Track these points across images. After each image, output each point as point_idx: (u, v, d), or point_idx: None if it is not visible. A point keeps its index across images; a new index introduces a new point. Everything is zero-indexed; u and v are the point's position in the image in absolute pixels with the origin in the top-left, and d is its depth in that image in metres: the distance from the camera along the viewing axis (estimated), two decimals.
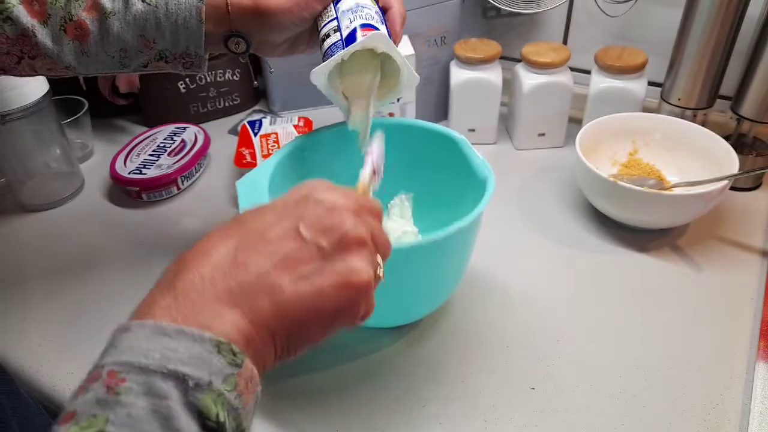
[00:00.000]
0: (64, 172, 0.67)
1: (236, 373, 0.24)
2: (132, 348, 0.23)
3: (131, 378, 0.22)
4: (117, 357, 0.23)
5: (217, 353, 0.24)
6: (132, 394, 0.22)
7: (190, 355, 0.23)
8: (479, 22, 0.77)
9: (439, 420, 0.42)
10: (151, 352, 0.23)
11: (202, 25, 0.41)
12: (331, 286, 0.27)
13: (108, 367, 0.23)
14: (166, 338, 0.23)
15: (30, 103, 0.59)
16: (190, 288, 0.26)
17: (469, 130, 0.71)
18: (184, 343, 0.23)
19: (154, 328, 0.24)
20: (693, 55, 0.60)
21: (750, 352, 0.46)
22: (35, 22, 0.39)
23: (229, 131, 0.77)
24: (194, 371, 0.23)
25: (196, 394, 0.22)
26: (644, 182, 0.59)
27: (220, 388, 0.23)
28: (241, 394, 0.24)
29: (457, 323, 0.49)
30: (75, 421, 0.22)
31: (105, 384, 0.22)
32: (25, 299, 0.54)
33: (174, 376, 0.22)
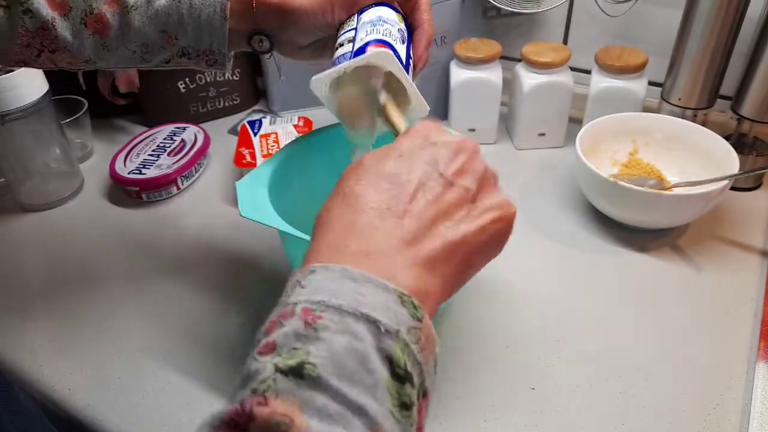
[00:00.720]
0: (63, 172, 0.67)
1: (418, 327, 0.24)
2: (322, 288, 0.24)
3: (327, 316, 0.23)
4: (308, 296, 0.24)
5: (401, 304, 0.24)
6: (329, 331, 0.22)
7: (378, 302, 0.24)
8: (479, 21, 0.77)
9: (439, 420, 0.42)
10: (342, 294, 0.23)
11: (226, 23, 0.40)
12: (490, 222, 0.29)
13: (301, 305, 0.23)
14: (354, 283, 0.24)
15: (29, 103, 0.59)
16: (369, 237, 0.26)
17: (469, 130, 0.71)
18: (371, 290, 0.24)
19: (341, 271, 0.24)
20: (693, 55, 0.59)
21: (750, 352, 0.46)
22: (55, 15, 0.39)
23: (228, 131, 0.77)
24: (384, 317, 0.23)
25: (386, 340, 0.23)
26: (644, 182, 0.59)
27: (406, 338, 0.23)
28: (423, 350, 0.24)
29: (457, 323, 0.49)
30: (277, 352, 0.22)
31: (302, 320, 0.23)
32: (25, 299, 0.54)
33: (366, 319, 0.23)
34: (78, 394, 0.45)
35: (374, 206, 0.27)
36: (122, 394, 0.45)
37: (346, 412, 0.21)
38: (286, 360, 0.21)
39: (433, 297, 0.27)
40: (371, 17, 0.40)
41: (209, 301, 0.52)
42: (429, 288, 0.27)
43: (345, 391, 0.21)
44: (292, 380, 0.21)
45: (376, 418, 0.21)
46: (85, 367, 0.47)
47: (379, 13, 0.41)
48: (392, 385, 0.22)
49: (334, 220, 0.28)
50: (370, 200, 0.28)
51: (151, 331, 0.50)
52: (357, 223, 0.27)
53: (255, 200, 0.42)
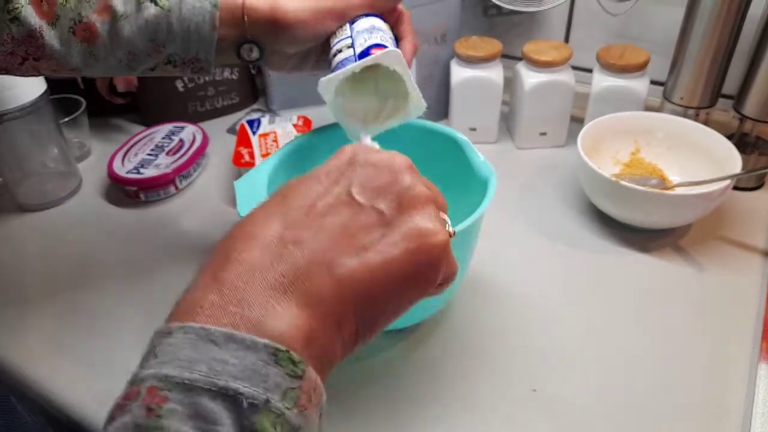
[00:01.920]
0: (61, 172, 0.66)
1: (297, 386, 0.21)
2: (174, 358, 0.20)
3: (174, 397, 0.19)
4: (158, 369, 0.20)
5: (274, 363, 0.20)
6: (175, 418, 0.19)
7: (242, 367, 0.20)
8: (480, 20, 0.77)
9: (439, 421, 0.41)
10: (196, 364, 0.20)
11: (215, 32, 0.40)
12: (402, 253, 0.24)
13: (148, 382, 0.20)
14: (214, 346, 0.20)
15: (27, 102, 0.59)
16: (236, 279, 0.22)
17: (469, 129, 0.70)
18: (235, 352, 0.20)
19: (199, 333, 0.21)
20: (695, 53, 0.59)
21: (752, 353, 0.45)
22: (43, 23, 0.38)
23: (227, 130, 0.77)
24: (248, 387, 0.20)
25: (251, 416, 0.19)
26: (646, 182, 0.59)
27: (279, 407, 0.20)
28: (303, 409, 0.21)
29: (458, 324, 0.49)
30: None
31: (144, 404, 0.19)
32: (23, 299, 0.53)
33: (224, 395, 0.19)
34: (74, 394, 0.45)
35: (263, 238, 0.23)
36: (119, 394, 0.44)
37: None
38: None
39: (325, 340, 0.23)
40: (365, 26, 0.41)
41: None
42: (317, 329, 0.22)
43: None
44: None
45: None
46: (82, 367, 0.47)
47: (372, 23, 0.42)
48: None
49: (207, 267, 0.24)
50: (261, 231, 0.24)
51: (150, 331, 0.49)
52: (231, 260, 0.23)
53: (254, 200, 0.41)
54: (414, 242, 0.24)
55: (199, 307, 0.22)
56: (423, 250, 0.24)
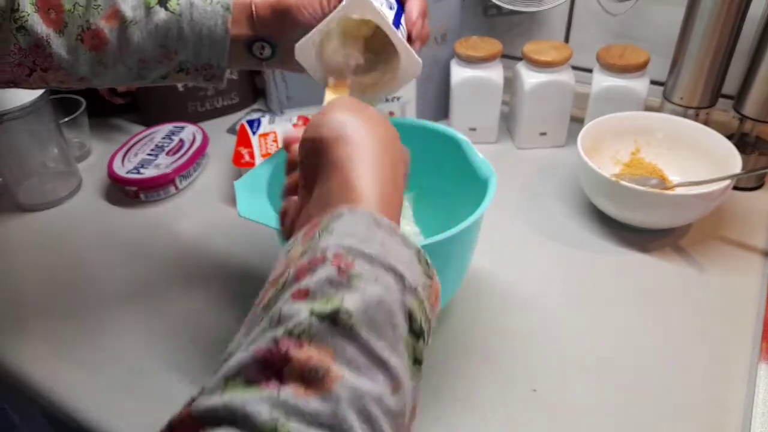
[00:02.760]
0: (61, 172, 0.66)
1: (430, 284, 0.25)
2: (352, 233, 0.24)
3: (359, 263, 0.23)
4: (338, 240, 0.23)
5: (418, 262, 0.25)
6: (362, 280, 0.22)
7: (401, 256, 0.24)
8: (480, 20, 0.77)
9: (439, 421, 0.42)
10: (371, 242, 0.23)
11: (228, 36, 0.39)
12: None
13: (332, 250, 0.23)
14: (381, 231, 0.24)
15: (27, 102, 0.59)
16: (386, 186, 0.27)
17: (469, 129, 0.70)
18: (395, 242, 0.24)
19: (369, 217, 0.25)
20: (695, 53, 0.59)
21: (752, 352, 0.45)
22: (50, 32, 0.38)
23: (227, 130, 0.77)
24: (408, 273, 0.23)
25: (409, 295, 0.23)
26: (646, 182, 0.59)
27: (422, 295, 0.24)
28: (432, 306, 0.25)
29: (458, 324, 0.49)
30: (311, 298, 0.22)
31: (335, 265, 0.23)
32: (23, 299, 0.54)
33: (394, 272, 0.23)
34: (76, 394, 0.45)
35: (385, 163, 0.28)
36: (121, 394, 0.44)
37: (372, 366, 0.21)
38: (322, 306, 0.21)
39: None
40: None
41: (208, 300, 0.52)
42: None
43: (372, 344, 0.21)
44: (327, 327, 0.21)
45: (397, 374, 0.22)
46: (83, 368, 0.47)
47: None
48: (410, 340, 0.23)
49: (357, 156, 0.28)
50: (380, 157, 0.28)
51: (150, 331, 0.49)
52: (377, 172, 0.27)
53: (254, 200, 0.42)
54: None
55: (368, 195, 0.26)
56: None
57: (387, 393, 0.21)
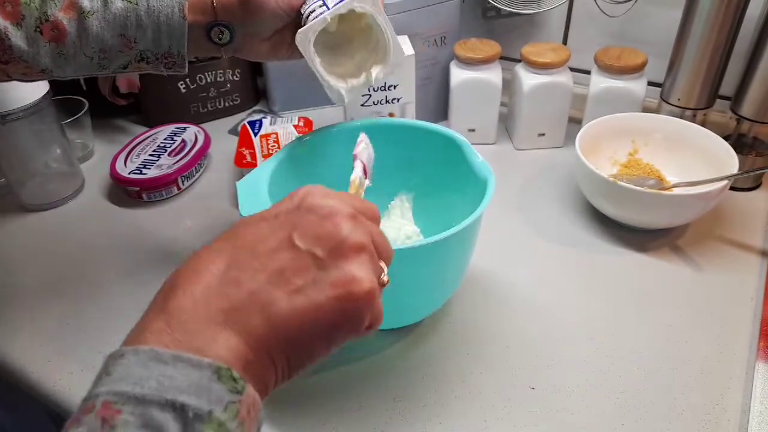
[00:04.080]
0: (64, 172, 0.67)
1: (237, 400, 0.23)
2: (126, 376, 0.22)
3: (127, 409, 0.21)
4: (111, 386, 0.22)
5: (216, 380, 0.23)
6: (129, 428, 0.21)
7: (188, 383, 0.22)
8: (479, 22, 0.77)
9: (439, 420, 0.42)
10: (146, 380, 0.22)
11: (185, 22, 0.40)
12: (329, 299, 0.25)
13: (102, 397, 0.22)
14: (162, 365, 0.22)
15: (30, 103, 0.59)
16: (181, 310, 0.25)
17: (468, 130, 0.71)
18: (181, 370, 0.22)
19: (149, 353, 0.23)
20: (693, 55, 0.60)
21: (750, 352, 0.46)
22: (8, 24, 0.38)
23: (229, 131, 0.78)
24: (193, 400, 0.22)
25: (197, 425, 0.21)
26: (644, 182, 0.59)
27: (221, 418, 0.22)
28: (242, 422, 0.23)
29: (457, 324, 0.49)
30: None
31: (99, 416, 0.21)
32: (26, 299, 0.54)
33: (172, 407, 0.21)
34: (78, 393, 0.45)
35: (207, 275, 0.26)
36: None
37: None
38: None
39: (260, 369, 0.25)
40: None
41: None
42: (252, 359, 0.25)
43: None
44: None
45: None
46: (85, 367, 0.47)
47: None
48: None
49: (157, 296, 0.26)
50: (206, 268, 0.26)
51: None
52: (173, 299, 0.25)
53: (255, 200, 0.42)
54: (340, 289, 0.26)
55: (149, 333, 0.24)
56: (349, 297, 0.26)
57: None
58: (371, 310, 0.27)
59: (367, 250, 0.27)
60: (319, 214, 0.27)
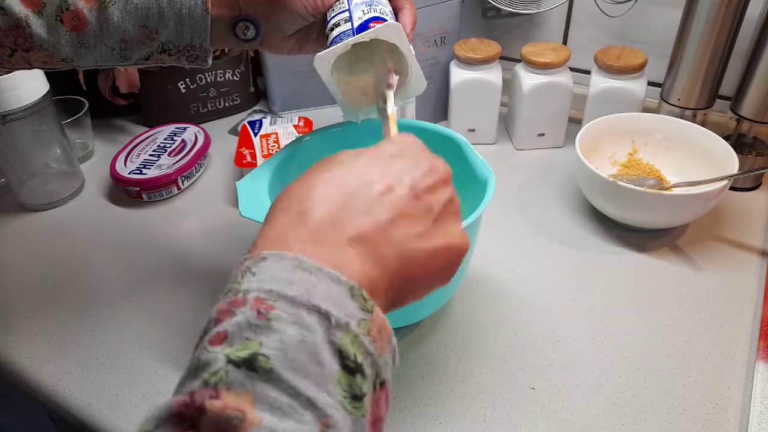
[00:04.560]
0: (64, 172, 0.67)
1: (369, 318, 0.24)
2: (274, 277, 0.24)
3: (279, 306, 0.23)
4: (260, 284, 0.23)
5: (350, 297, 0.24)
6: (282, 322, 0.22)
7: (329, 294, 0.23)
8: (479, 22, 0.77)
9: (438, 420, 0.42)
10: (294, 285, 0.23)
11: (208, 15, 0.39)
12: (443, 248, 0.29)
13: (253, 293, 0.23)
14: (306, 273, 0.24)
15: (30, 103, 0.59)
16: (320, 225, 0.26)
17: (468, 130, 0.71)
18: (323, 281, 0.24)
19: (293, 261, 0.24)
20: (693, 55, 0.60)
21: (750, 352, 0.46)
22: (29, 12, 0.38)
23: (229, 131, 0.78)
24: (335, 310, 0.23)
25: (337, 332, 0.23)
26: (644, 182, 0.59)
27: (356, 330, 0.23)
28: (374, 341, 0.24)
29: (457, 323, 0.49)
30: (229, 342, 0.22)
31: (254, 309, 0.22)
32: (26, 299, 0.54)
33: (318, 312, 0.23)
34: (78, 394, 0.45)
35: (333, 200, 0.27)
36: (123, 394, 0.45)
37: (297, 405, 0.21)
38: (239, 351, 0.21)
39: (383, 295, 0.27)
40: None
41: (209, 300, 0.52)
42: (379, 285, 0.26)
43: (295, 384, 0.21)
44: (244, 372, 0.21)
45: (325, 410, 0.21)
46: (85, 367, 0.47)
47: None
48: (343, 377, 0.22)
49: (291, 207, 0.27)
50: (330, 194, 0.27)
51: (152, 331, 0.50)
52: (311, 214, 0.26)
53: (255, 200, 0.42)
54: (454, 242, 0.29)
55: (292, 241, 0.26)
56: (457, 251, 0.30)
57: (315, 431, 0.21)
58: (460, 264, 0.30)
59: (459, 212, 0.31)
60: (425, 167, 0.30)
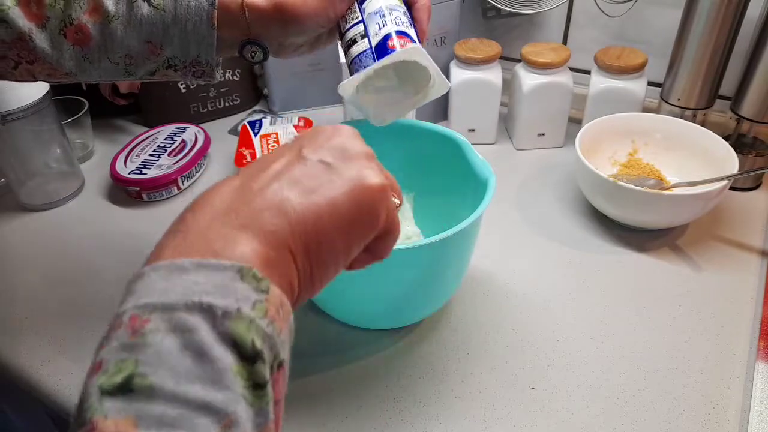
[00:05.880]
0: (64, 172, 0.67)
1: (264, 299, 0.23)
2: (150, 291, 0.22)
3: (155, 317, 0.21)
4: (136, 302, 0.22)
5: (240, 280, 0.23)
6: (159, 333, 0.21)
7: (213, 285, 0.22)
8: (479, 22, 0.77)
9: (438, 420, 0.42)
10: (171, 290, 0.22)
11: (214, 32, 0.39)
12: (343, 194, 0.26)
13: (129, 313, 0.22)
14: (184, 274, 0.22)
15: (30, 103, 0.59)
16: (198, 224, 0.25)
17: (469, 130, 0.71)
18: (205, 275, 0.22)
19: (169, 267, 0.23)
20: (693, 55, 0.60)
21: (750, 352, 0.46)
22: (32, 26, 0.37)
23: (229, 131, 0.78)
24: (220, 300, 0.22)
25: (226, 322, 0.21)
26: (644, 182, 0.59)
27: (251, 315, 0.22)
28: (273, 321, 0.23)
29: (458, 324, 0.49)
30: (103, 371, 0.21)
31: (128, 328, 0.21)
32: (25, 299, 0.54)
33: (199, 308, 0.21)
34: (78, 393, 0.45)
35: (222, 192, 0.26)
36: None
37: (189, 414, 0.20)
38: (112, 377, 0.20)
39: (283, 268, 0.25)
40: (375, 7, 0.40)
41: None
42: (274, 257, 0.25)
43: (182, 392, 0.20)
44: (120, 398, 0.20)
45: (225, 409, 0.20)
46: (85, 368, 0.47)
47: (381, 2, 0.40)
48: (241, 368, 0.21)
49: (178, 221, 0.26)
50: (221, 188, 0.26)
51: None
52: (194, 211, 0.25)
53: None
54: (354, 183, 0.27)
55: (167, 249, 0.24)
56: (363, 191, 0.27)
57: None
58: (386, 208, 0.28)
59: (375, 159, 0.29)
60: (324, 132, 0.29)
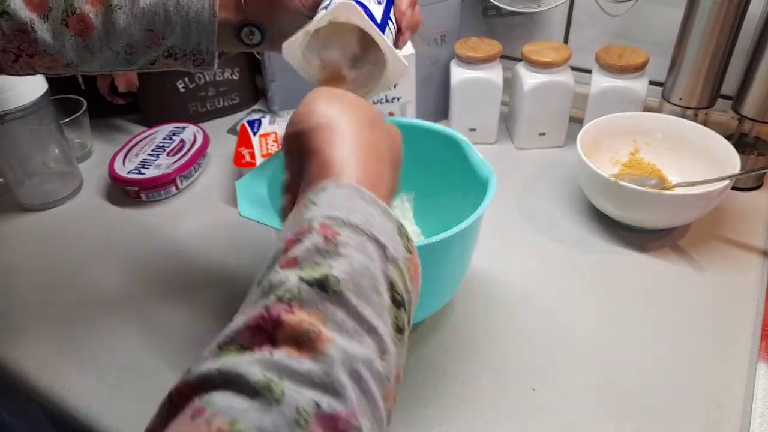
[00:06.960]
0: (62, 172, 0.67)
1: (409, 258, 0.25)
2: (335, 204, 0.24)
3: (345, 232, 0.23)
4: (324, 211, 0.24)
5: (398, 235, 0.25)
6: (349, 248, 0.23)
7: (382, 227, 0.24)
8: (479, 21, 0.77)
9: (439, 420, 0.42)
10: (356, 213, 0.24)
11: (216, 19, 0.39)
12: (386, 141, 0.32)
13: (318, 220, 0.24)
14: (364, 202, 0.25)
15: (28, 102, 0.59)
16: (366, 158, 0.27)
17: (469, 130, 0.71)
18: (379, 214, 0.25)
19: (351, 189, 0.25)
20: (694, 54, 0.59)
21: (751, 352, 0.46)
22: (34, 16, 0.37)
23: (228, 131, 0.77)
24: (389, 243, 0.24)
25: (389, 265, 0.24)
26: (645, 182, 0.59)
27: (402, 267, 0.24)
28: (412, 279, 0.25)
29: (458, 324, 0.49)
30: (300, 266, 0.22)
31: (321, 234, 0.23)
32: (24, 299, 0.54)
33: (377, 243, 0.24)
34: (77, 395, 0.45)
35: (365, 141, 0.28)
36: (121, 394, 0.45)
37: (361, 330, 0.22)
38: (311, 272, 0.22)
39: None
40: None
41: (208, 300, 0.52)
42: None
43: (361, 310, 0.22)
44: (316, 292, 0.21)
45: (384, 339, 0.22)
46: (84, 368, 0.47)
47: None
48: (392, 309, 0.23)
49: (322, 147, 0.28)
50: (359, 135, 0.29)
51: (150, 331, 0.50)
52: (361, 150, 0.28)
53: (254, 200, 0.42)
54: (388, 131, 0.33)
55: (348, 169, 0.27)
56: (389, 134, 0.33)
57: (375, 357, 0.22)
58: None
59: None
60: None
